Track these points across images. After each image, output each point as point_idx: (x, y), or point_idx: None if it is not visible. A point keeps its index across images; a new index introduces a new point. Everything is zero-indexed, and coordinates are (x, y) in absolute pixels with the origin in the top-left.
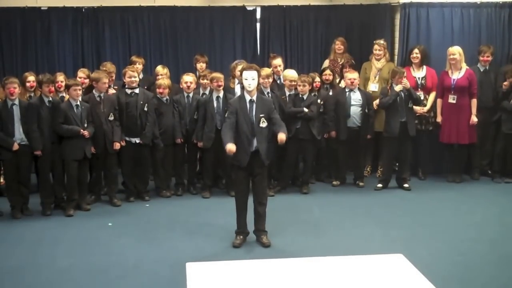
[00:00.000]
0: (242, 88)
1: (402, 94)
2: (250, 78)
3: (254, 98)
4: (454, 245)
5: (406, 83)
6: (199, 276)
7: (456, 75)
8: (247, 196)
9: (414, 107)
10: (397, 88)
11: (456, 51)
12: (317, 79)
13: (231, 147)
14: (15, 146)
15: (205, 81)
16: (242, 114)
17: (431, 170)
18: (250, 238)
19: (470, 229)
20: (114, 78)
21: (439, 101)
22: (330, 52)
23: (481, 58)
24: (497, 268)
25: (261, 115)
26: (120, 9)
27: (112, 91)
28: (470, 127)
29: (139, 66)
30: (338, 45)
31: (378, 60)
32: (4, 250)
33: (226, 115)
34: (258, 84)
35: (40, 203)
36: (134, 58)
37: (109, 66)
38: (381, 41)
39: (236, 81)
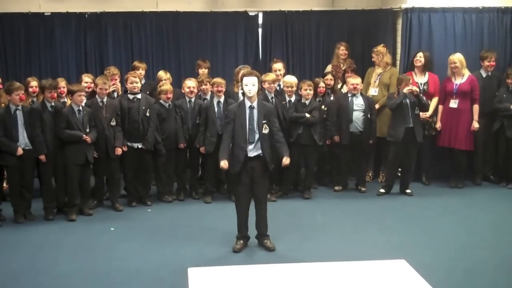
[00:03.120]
0: (243, 94)
1: (409, 101)
2: (250, 84)
3: (254, 104)
4: (456, 251)
5: (415, 89)
6: (201, 281)
7: (459, 81)
8: (248, 201)
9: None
10: (405, 90)
11: (456, 59)
12: (322, 84)
13: (223, 164)
14: (19, 151)
15: (204, 86)
16: (239, 120)
17: (434, 176)
18: (252, 243)
19: (472, 234)
20: (117, 80)
21: (440, 107)
22: (333, 56)
23: (486, 63)
24: (499, 274)
25: (263, 122)
26: (122, 14)
27: (118, 85)
28: (468, 134)
29: (142, 72)
30: (343, 50)
31: (378, 66)
32: (6, 255)
33: (225, 122)
34: (262, 89)
35: (43, 208)
36: (136, 63)
37: (113, 69)
38: (377, 48)
39: (244, 86)
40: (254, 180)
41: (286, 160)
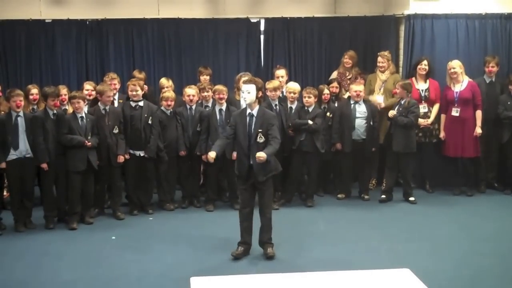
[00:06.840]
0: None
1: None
2: (246, 92)
3: (254, 112)
4: (460, 259)
5: (391, 113)
6: None
7: (458, 88)
8: (249, 207)
9: (419, 120)
10: (384, 103)
11: (455, 64)
12: (326, 91)
13: (210, 154)
14: (2, 165)
15: (206, 93)
16: (241, 127)
17: (438, 183)
18: (256, 251)
19: (476, 242)
20: (116, 85)
21: (442, 116)
22: (340, 64)
23: (486, 69)
24: (503, 282)
25: (259, 130)
26: (124, 21)
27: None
28: (475, 140)
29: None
30: (347, 60)
31: (383, 72)
32: (7, 264)
33: (228, 126)
34: (265, 97)
35: (43, 217)
36: (136, 73)
37: (112, 75)
38: (385, 53)
39: (241, 93)
40: (256, 187)
41: (258, 153)
